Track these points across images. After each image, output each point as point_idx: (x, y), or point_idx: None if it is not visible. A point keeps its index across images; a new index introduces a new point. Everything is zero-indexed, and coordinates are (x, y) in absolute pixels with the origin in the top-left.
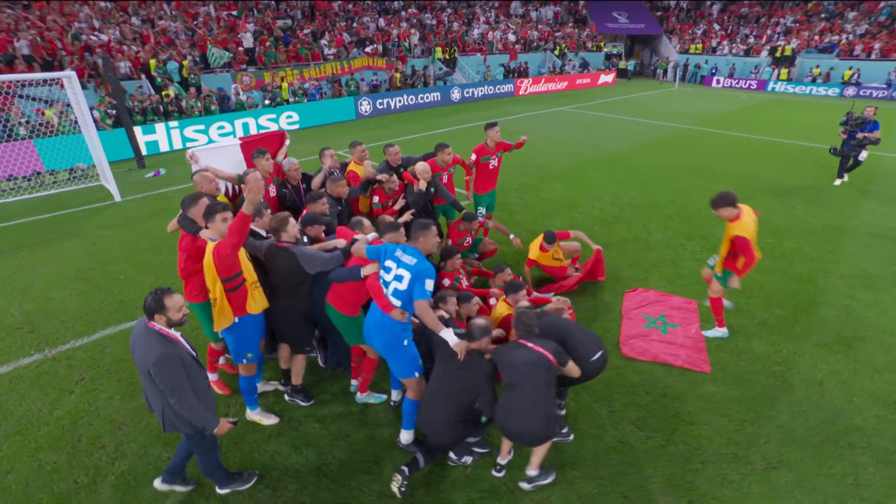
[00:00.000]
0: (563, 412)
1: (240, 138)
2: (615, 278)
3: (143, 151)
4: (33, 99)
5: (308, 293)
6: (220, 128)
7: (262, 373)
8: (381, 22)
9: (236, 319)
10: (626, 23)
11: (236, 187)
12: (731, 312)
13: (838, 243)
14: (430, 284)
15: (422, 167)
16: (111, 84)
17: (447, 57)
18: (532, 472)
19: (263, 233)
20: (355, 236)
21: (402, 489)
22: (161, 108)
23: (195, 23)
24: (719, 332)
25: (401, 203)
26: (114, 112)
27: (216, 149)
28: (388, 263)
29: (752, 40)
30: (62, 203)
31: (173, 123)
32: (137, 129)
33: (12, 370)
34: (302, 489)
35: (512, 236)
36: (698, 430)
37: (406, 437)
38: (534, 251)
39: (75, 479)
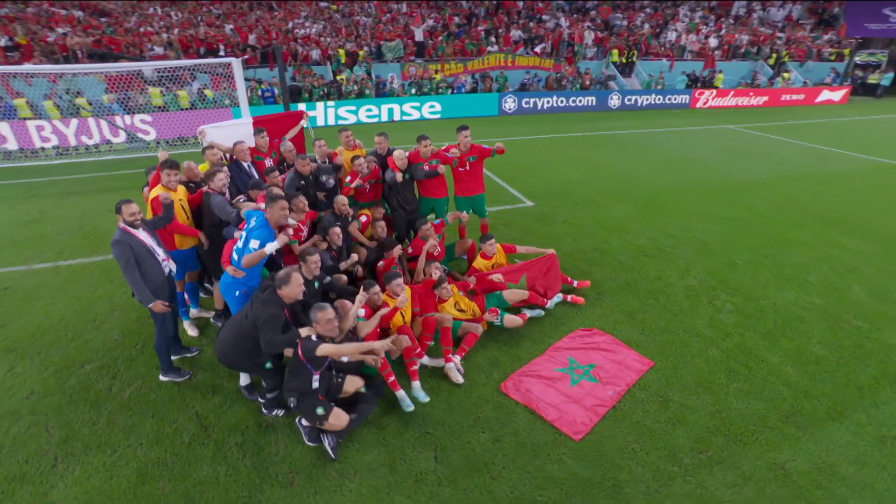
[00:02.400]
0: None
1: (253, 117)
2: (590, 313)
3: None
4: (247, 79)
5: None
6: (369, 110)
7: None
8: (564, 21)
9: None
10: None
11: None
12: None
13: None
14: (254, 244)
15: (398, 154)
16: (279, 68)
17: (624, 61)
18: None
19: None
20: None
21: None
22: (324, 89)
23: (384, 17)
24: None
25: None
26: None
27: (233, 126)
28: (242, 226)
29: None
30: None
31: (330, 103)
32: (301, 106)
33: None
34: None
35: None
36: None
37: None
38: (477, 260)
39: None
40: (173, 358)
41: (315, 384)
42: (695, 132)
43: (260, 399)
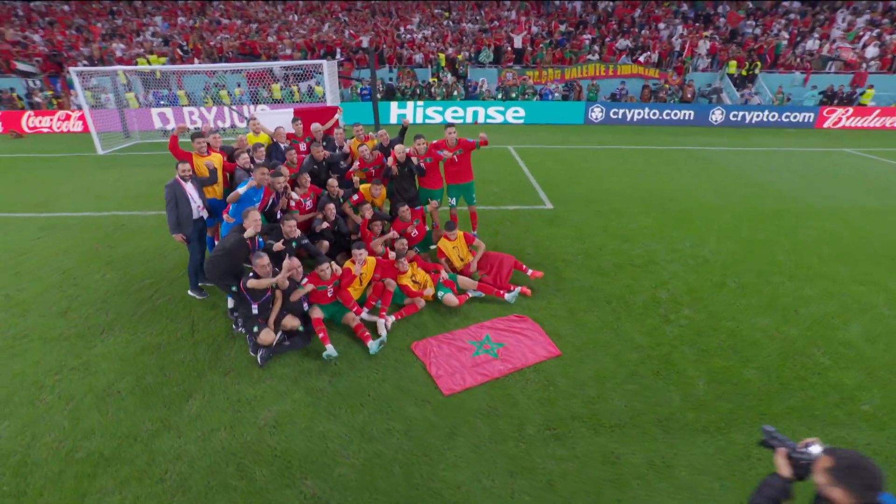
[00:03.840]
0: None
1: (294, 108)
2: (534, 304)
3: (392, 120)
4: (356, 79)
5: None
6: (454, 111)
7: None
8: (681, 29)
9: None
10: None
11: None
12: None
13: None
14: (232, 196)
15: (398, 148)
16: (370, 69)
17: (743, 73)
18: None
19: None
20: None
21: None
22: (415, 90)
23: (490, 24)
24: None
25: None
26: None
27: (277, 113)
28: None
29: None
30: None
31: (419, 103)
32: (394, 104)
33: None
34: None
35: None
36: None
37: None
38: (442, 241)
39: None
40: (200, 285)
41: (255, 311)
42: (796, 154)
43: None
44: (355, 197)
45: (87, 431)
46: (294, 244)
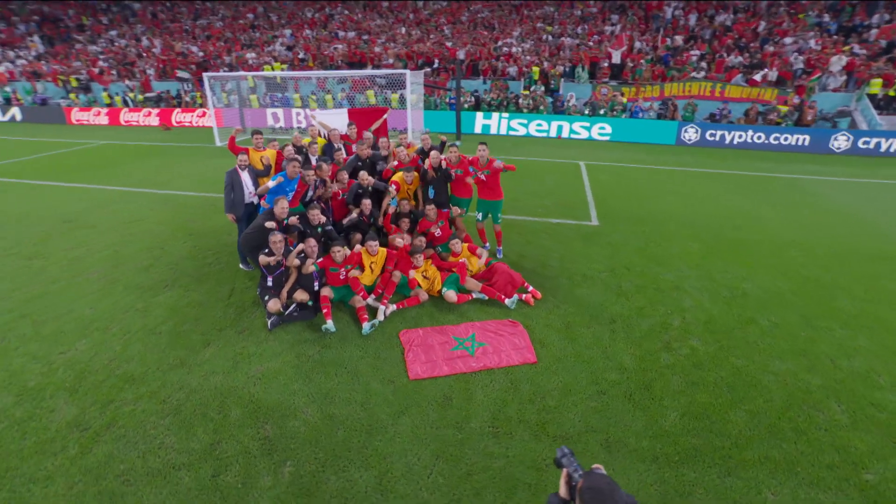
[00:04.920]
0: None
1: (348, 110)
2: (534, 312)
3: (476, 130)
4: (448, 89)
5: None
6: (539, 125)
7: None
8: (812, 44)
9: None
10: None
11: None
12: None
13: None
14: (262, 189)
15: (434, 154)
16: (456, 80)
17: (891, 93)
18: None
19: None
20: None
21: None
22: (501, 101)
23: (591, 39)
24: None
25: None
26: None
27: (334, 113)
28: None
29: None
30: None
31: (504, 114)
32: (479, 115)
33: None
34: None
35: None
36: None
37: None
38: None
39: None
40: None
41: (269, 283)
42: None
43: None
44: (393, 188)
45: (129, 357)
46: (319, 229)
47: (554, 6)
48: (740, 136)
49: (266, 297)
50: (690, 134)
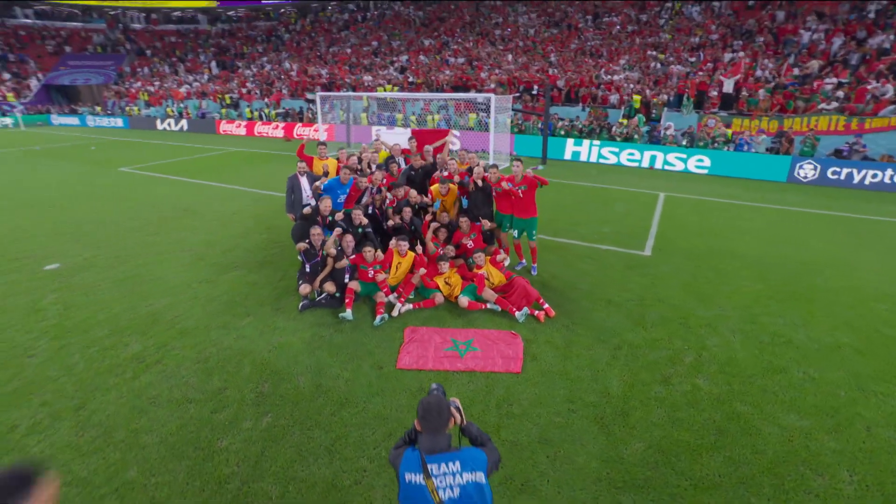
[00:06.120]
0: None
1: (412, 130)
2: (541, 328)
3: (566, 157)
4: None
5: None
6: (630, 154)
7: None
8: None
9: None
10: None
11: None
12: None
13: None
14: (315, 187)
15: (477, 170)
16: (546, 106)
17: None
18: None
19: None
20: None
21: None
22: (597, 129)
23: (705, 67)
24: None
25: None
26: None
27: (398, 133)
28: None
29: None
30: None
31: (596, 142)
32: (570, 141)
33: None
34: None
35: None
36: None
37: None
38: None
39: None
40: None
41: (307, 269)
42: None
43: None
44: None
45: (189, 315)
46: (360, 230)
47: (670, 33)
48: (875, 176)
49: (301, 282)
50: (807, 171)
